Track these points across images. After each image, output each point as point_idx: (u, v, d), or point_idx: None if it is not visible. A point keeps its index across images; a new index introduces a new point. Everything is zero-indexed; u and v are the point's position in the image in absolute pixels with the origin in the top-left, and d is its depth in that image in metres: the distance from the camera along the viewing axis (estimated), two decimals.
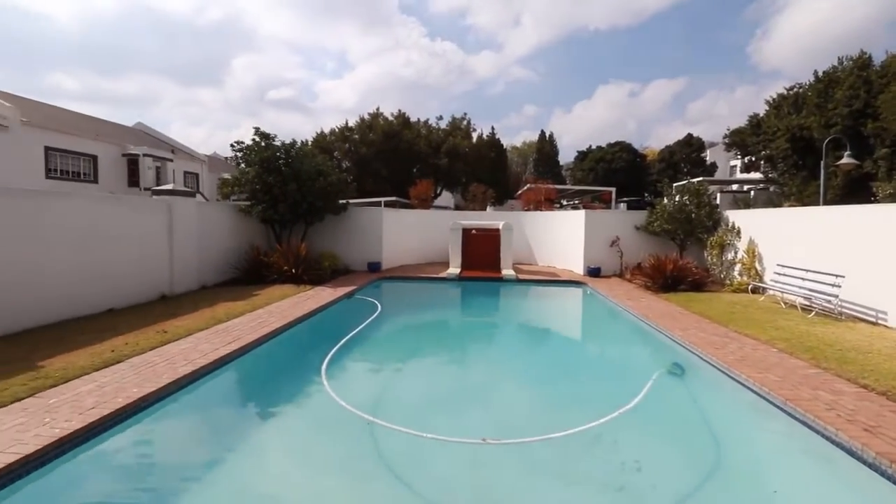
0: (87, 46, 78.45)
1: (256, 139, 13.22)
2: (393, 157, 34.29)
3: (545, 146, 52.75)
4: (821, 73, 20.75)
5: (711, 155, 46.72)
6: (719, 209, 13.92)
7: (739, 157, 32.91)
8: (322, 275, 12.65)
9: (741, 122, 28.34)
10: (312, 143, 33.36)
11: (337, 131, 36.15)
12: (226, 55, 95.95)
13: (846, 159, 13.38)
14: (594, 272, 14.33)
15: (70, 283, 7.93)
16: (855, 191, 18.89)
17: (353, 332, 8.02)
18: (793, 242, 10.30)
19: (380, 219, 15.48)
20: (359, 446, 4.37)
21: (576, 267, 15.17)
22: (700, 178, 25.48)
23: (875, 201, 16.35)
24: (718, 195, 25.24)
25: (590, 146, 47.88)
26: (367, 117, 36.50)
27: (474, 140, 38.89)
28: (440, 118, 39.09)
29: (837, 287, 8.36)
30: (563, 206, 33.06)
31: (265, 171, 12.76)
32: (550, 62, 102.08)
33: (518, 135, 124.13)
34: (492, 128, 53.49)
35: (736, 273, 12.17)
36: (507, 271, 14.46)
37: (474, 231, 15.33)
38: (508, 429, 4.78)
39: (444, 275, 14.13)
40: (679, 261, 12.15)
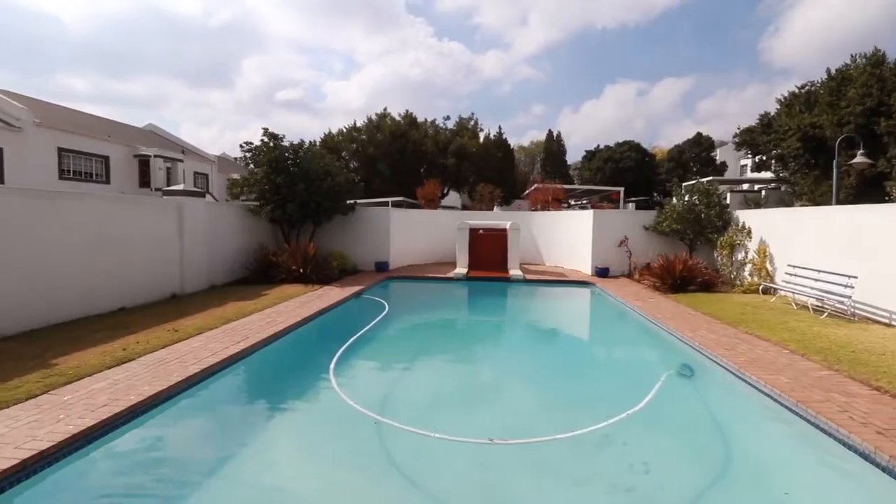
0: (98, 48, 79.55)
1: (265, 140, 13.35)
2: (400, 158, 34.38)
3: (553, 146, 52.55)
4: (833, 71, 20.46)
5: (721, 154, 46.25)
6: (729, 209, 13.78)
7: (750, 157, 32.63)
8: (330, 274, 12.73)
9: (752, 121, 28.03)
10: (320, 144, 33.54)
11: (345, 132, 36.34)
12: (235, 56, 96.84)
13: (859, 158, 13.22)
14: (602, 272, 14.26)
15: (84, 282, 8.05)
16: (868, 190, 18.61)
17: (361, 332, 8.05)
18: (804, 243, 10.17)
19: (387, 219, 15.53)
20: (366, 445, 4.39)
21: (584, 267, 15.11)
22: (710, 178, 25.27)
23: (889, 201, 16.12)
24: (728, 195, 24.98)
25: (598, 145, 47.64)
26: (375, 118, 36.66)
27: (481, 140, 38.90)
28: (447, 118, 39.21)
29: (850, 288, 8.24)
30: (571, 206, 32.91)
31: (274, 172, 12.88)
32: (558, 61, 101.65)
33: (526, 134, 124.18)
34: (499, 127, 53.55)
35: (746, 273, 12.05)
36: (515, 271, 14.43)
37: (481, 231, 15.33)
38: (516, 429, 4.77)
39: (452, 275, 14.14)
40: (688, 261, 12.06)
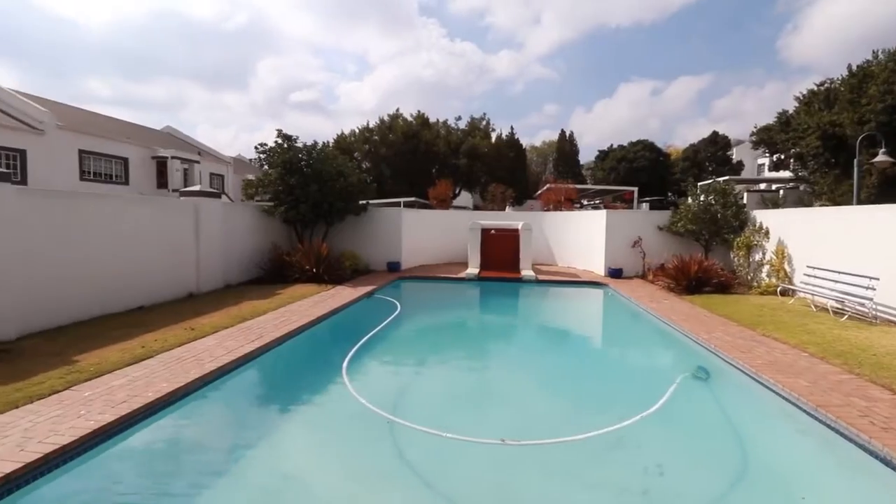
0: (118, 53, 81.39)
1: (279, 141, 13.52)
2: (412, 158, 34.48)
3: (565, 145, 52.20)
4: (854, 68, 20.00)
5: (738, 153, 45.45)
6: (746, 209, 13.55)
7: (767, 156, 32.03)
8: (343, 274, 12.83)
9: (769, 120, 27.54)
10: (333, 145, 33.83)
11: (357, 132, 36.57)
12: (250, 59, 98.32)
13: (881, 157, 12.92)
14: (615, 273, 14.13)
15: (104, 282, 8.23)
16: (890, 190, 18.18)
17: (374, 332, 8.10)
18: (824, 243, 9.95)
19: (399, 219, 15.59)
20: (379, 444, 4.41)
21: (597, 268, 14.99)
22: (726, 177, 24.87)
23: None
24: (745, 194, 24.56)
25: (611, 145, 47.21)
26: (387, 118, 36.84)
27: (494, 140, 38.83)
28: (459, 118, 39.24)
29: (872, 290, 8.04)
30: (584, 207, 32.67)
31: (287, 173, 13.02)
32: (571, 60, 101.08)
33: (538, 134, 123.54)
34: (511, 127, 53.23)
35: (764, 275, 11.83)
36: (527, 272, 14.37)
37: (493, 231, 15.30)
38: (528, 430, 4.76)
39: (463, 275, 14.14)
40: (704, 262, 11.88)
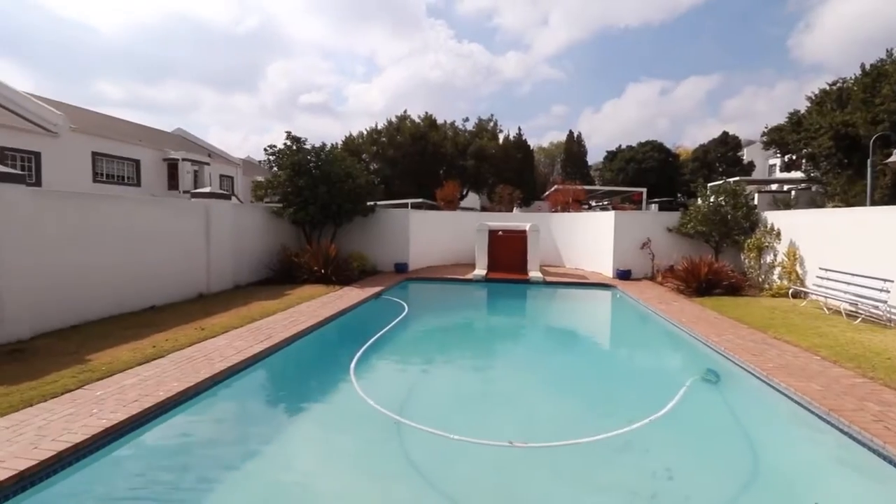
0: (131, 56, 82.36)
1: (288, 143, 13.62)
2: (420, 159, 34.55)
3: (573, 146, 52.01)
4: (868, 67, 19.70)
5: (748, 154, 44.96)
6: (757, 210, 13.40)
7: (779, 156, 31.65)
8: (350, 275, 12.89)
9: (781, 120, 27.19)
10: (342, 146, 34.00)
11: (365, 134, 36.73)
12: (261, 62, 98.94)
13: (895, 157, 12.71)
14: (624, 275, 14.04)
15: (117, 282, 8.35)
16: None
17: (381, 333, 8.13)
18: (837, 245, 9.81)
19: (407, 220, 15.63)
20: (386, 445, 4.43)
21: (605, 269, 14.90)
22: (737, 178, 24.61)
23: None
24: (756, 195, 24.28)
25: (619, 146, 46.86)
26: (395, 120, 36.96)
27: (501, 141, 38.82)
28: (466, 120, 39.33)
29: (886, 292, 7.91)
30: (592, 208, 32.51)
31: (296, 175, 13.12)
32: (579, 61, 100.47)
33: (546, 135, 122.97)
34: (518, 129, 53.21)
35: (775, 277, 11.69)
36: (534, 273, 14.33)
37: (500, 232, 15.27)
38: (536, 432, 4.75)
39: (471, 276, 14.13)
40: (714, 264, 11.77)
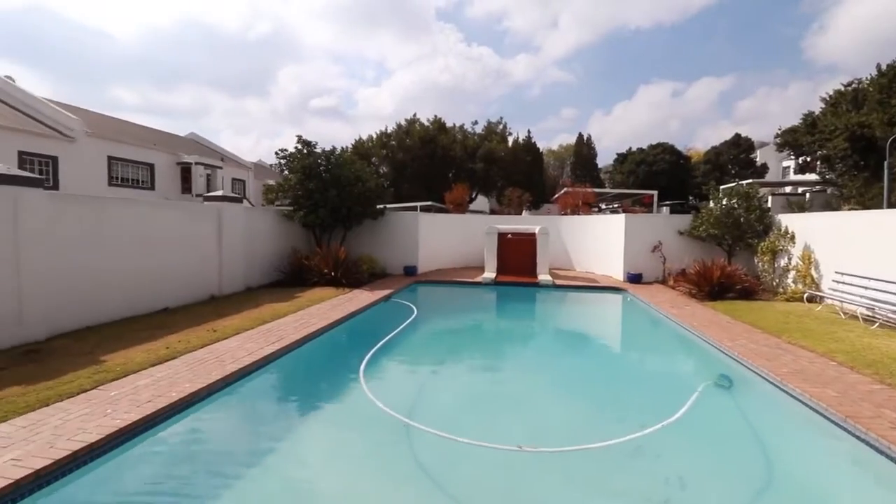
0: (146, 62, 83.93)
1: (299, 147, 13.74)
2: (429, 163, 34.64)
3: (583, 149, 51.76)
4: (884, 67, 19.36)
5: (762, 156, 44.35)
6: (771, 213, 13.22)
7: (793, 158, 31.17)
8: (360, 278, 12.95)
9: (794, 121, 26.79)
10: (352, 150, 34.19)
11: (375, 137, 36.92)
12: (272, 67, 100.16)
13: None
14: (635, 278, 13.92)
15: (131, 284, 8.49)
16: None
17: (391, 335, 8.15)
18: (854, 248, 9.64)
19: (416, 223, 15.67)
20: (395, 447, 4.44)
21: (615, 273, 14.80)
22: (750, 180, 24.30)
23: None
24: (770, 198, 23.96)
25: (630, 148, 46.56)
26: (405, 123, 37.10)
27: (510, 144, 38.75)
28: (475, 123, 39.29)
29: None
30: (602, 210, 32.30)
31: (307, 178, 13.24)
32: (589, 63, 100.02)
33: (555, 138, 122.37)
34: (528, 131, 52.98)
35: (790, 281, 11.51)
36: (544, 276, 14.27)
37: (510, 235, 15.25)
38: (545, 437, 4.72)
39: (480, 279, 14.12)
40: (727, 267, 11.62)
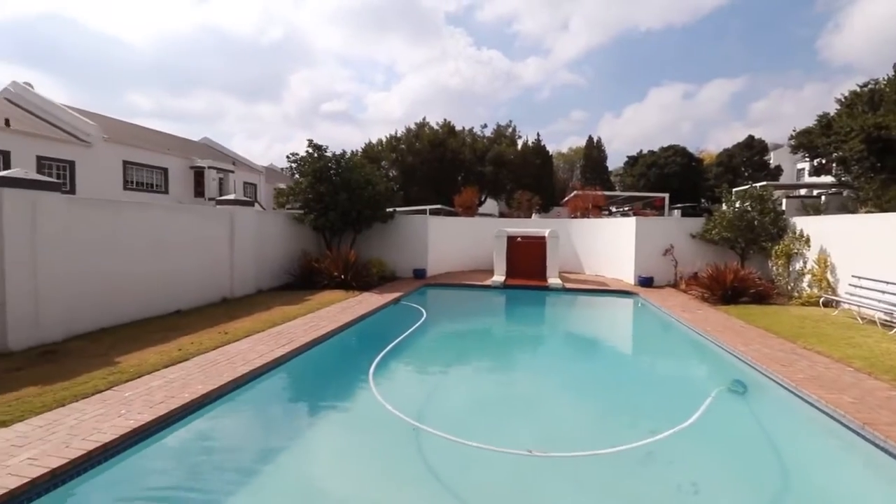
0: (160, 68, 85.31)
1: (310, 151, 13.87)
2: (438, 166, 34.70)
3: (593, 152, 51.51)
4: None
5: (776, 158, 43.69)
6: (785, 216, 13.02)
7: (808, 160, 30.67)
8: (370, 281, 12.99)
9: (809, 122, 26.40)
10: (362, 153, 34.38)
11: (385, 141, 37.11)
12: (284, 72, 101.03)
13: None
14: (646, 282, 13.79)
15: (145, 286, 8.62)
16: None
17: (400, 338, 8.16)
18: (871, 251, 9.44)
19: (425, 226, 15.70)
20: (404, 450, 4.44)
21: (626, 276, 14.66)
22: (763, 183, 23.96)
23: None
24: (784, 201, 23.57)
25: (640, 150, 46.19)
26: (414, 127, 37.24)
27: (520, 147, 38.67)
28: (485, 126, 39.24)
29: None
30: (612, 214, 32.06)
31: (317, 182, 13.35)
32: (599, 65, 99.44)
33: (565, 140, 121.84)
34: (537, 134, 52.78)
35: (805, 285, 11.31)
36: (554, 280, 14.20)
37: (519, 238, 15.19)
38: (556, 442, 4.68)
39: (489, 282, 14.08)
40: (740, 271, 11.45)
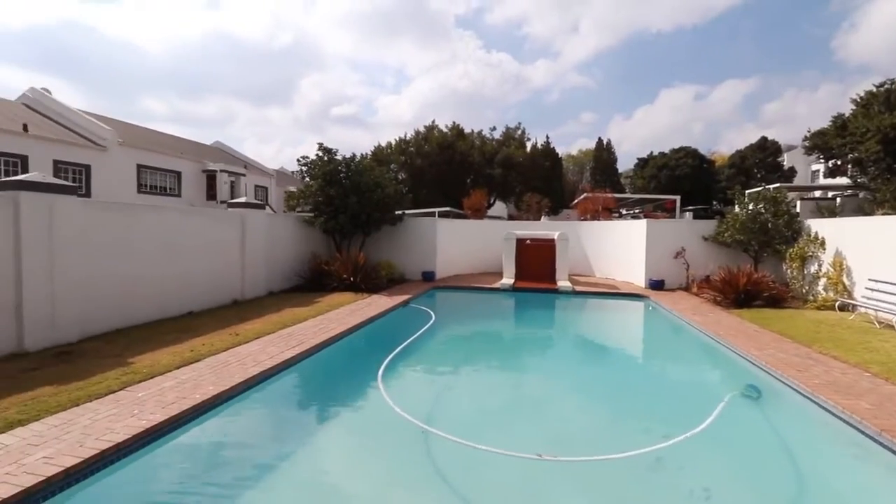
0: (174, 73, 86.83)
1: (320, 154, 13.99)
2: (447, 169, 34.78)
3: (603, 154, 51.26)
4: None
5: (789, 159, 43.06)
6: (799, 218, 12.82)
7: (822, 162, 30.21)
8: (379, 283, 13.03)
9: (824, 123, 25.99)
10: (371, 156, 34.59)
11: (394, 144, 37.29)
12: (294, 76, 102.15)
13: None
14: (657, 285, 13.65)
15: (158, 288, 8.74)
16: None
17: (409, 341, 8.16)
18: (888, 254, 9.25)
19: (434, 229, 15.71)
20: (412, 453, 4.43)
21: (637, 279, 14.54)
22: (777, 185, 23.65)
23: None
24: (798, 203, 23.24)
25: (651, 152, 45.82)
26: (423, 130, 37.39)
27: (529, 149, 38.64)
28: (494, 129, 39.27)
29: None
30: (623, 216, 31.82)
31: (327, 185, 13.45)
32: (609, 67, 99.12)
33: (574, 142, 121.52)
34: (546, 136, 52.88)
35: (820, 288, 11.11)
36: (563, 283, 14.12)
37: (528, 241, 15.14)
38: (566, 446, 4.65)
39: (498, 285, 14.05)
40: (753, 274, 11.29)
